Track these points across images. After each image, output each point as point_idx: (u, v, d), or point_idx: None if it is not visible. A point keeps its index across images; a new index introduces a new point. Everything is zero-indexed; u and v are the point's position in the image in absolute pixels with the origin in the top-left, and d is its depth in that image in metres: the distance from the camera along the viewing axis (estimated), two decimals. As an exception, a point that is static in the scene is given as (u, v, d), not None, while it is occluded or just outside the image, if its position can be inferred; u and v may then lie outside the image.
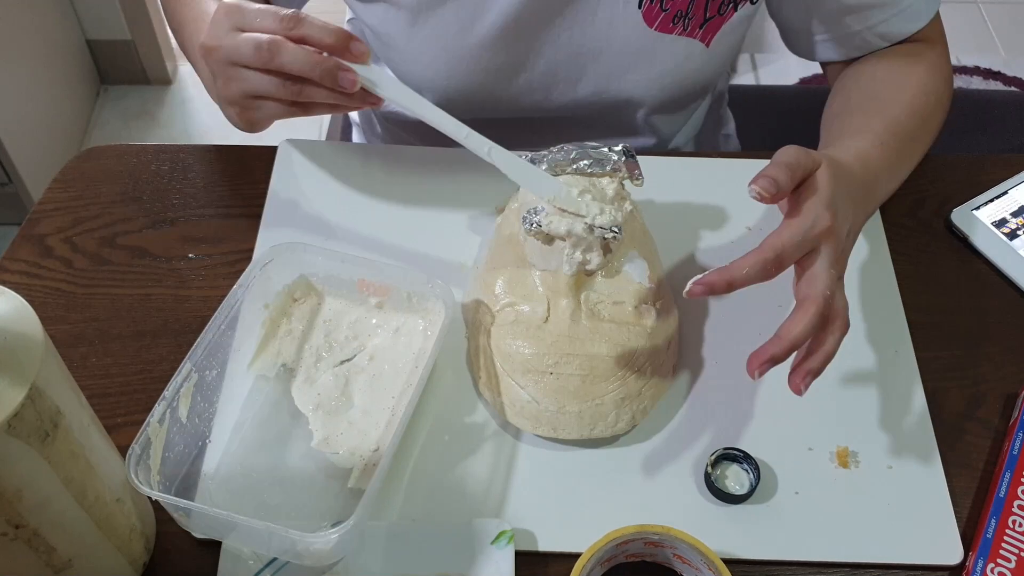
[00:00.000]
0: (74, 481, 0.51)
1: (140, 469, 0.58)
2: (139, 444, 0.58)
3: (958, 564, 0.63)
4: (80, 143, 1.99)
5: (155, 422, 0.60)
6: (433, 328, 0.69)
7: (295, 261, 0.71)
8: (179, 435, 0.63)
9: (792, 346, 0.59)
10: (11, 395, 0.44)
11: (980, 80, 2.19)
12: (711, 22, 0.82)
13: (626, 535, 0.58)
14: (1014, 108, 1.22)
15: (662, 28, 0.81)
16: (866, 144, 0.73)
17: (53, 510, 0.50)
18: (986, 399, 0.72)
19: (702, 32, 0.83)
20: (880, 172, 0.73)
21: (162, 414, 0.61)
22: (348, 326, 0.72)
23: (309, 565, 0.60)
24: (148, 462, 0.59)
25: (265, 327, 0.70)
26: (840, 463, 0.67)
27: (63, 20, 1.90)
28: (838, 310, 0.61)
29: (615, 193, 0.71)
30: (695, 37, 0.83)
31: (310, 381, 0.69)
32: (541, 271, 0.70)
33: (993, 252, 0.80)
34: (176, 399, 0.62)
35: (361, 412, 0.67)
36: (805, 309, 0.59)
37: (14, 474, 0.46)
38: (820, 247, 0.61)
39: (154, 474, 0.60)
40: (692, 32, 0.82)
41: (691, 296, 0.58)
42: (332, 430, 0.66)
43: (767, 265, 0.59)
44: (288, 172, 0.83)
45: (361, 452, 0.65)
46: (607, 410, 0.66)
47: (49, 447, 0.47)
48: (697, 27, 0.82)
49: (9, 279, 0.76)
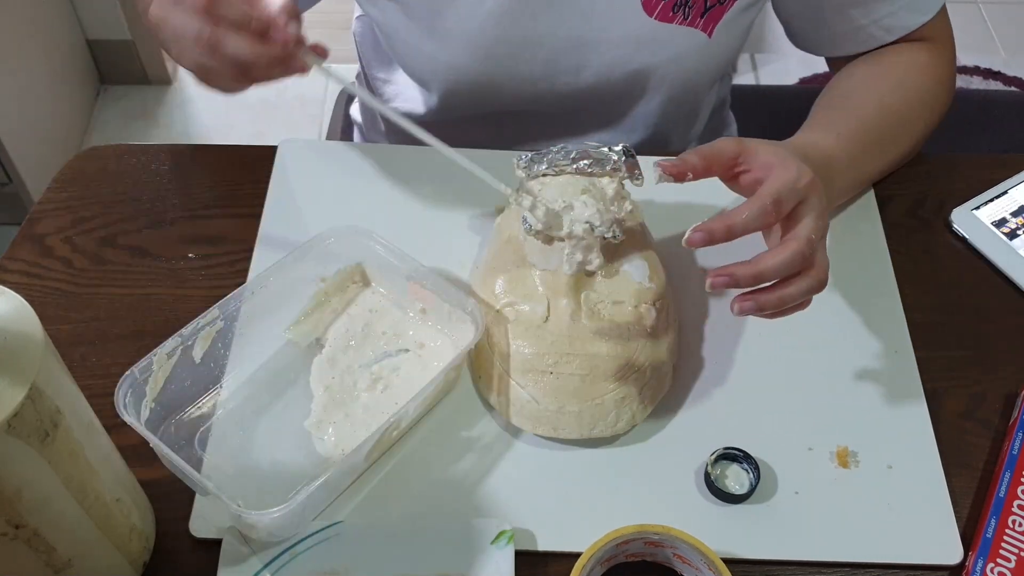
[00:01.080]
0: (74, 481, 0.51)
1: (132, 392, 0.61)
2: (139, 368, 0.62)
3: (958, 564, 0.63)
4: (80, 143, 1.99)
5: (163, 353, 0.63)
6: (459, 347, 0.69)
7: (359, 245, 0.72)
8: (189, 373, 0.66)
9: (757, 274, 0.58)
10: (11, 395, 0.44)
11: (980, 80, 2.19)
12: (712, 11, 0.81)
13: (626, 535, 0.58)
14: (1014, 108, 1.22)
15: (662, 17, 0.81)
16: (818, 135, 0.75)
17: (53, 510, 0.50)
18: (986, 399, 0.72)
19: (703, 21, 0.82)
20: (836, 159, 0.73)
21: (173, 348, 0.64)
22: (389, 324, 0.72)
23: (256, 538, 0.62)
24: (144, 387, 0.62)
25: (316, 299, 0.72)
26: (840, 463, 0.67)
27: (63, 20, 1.90)
28: (817, 261, 0.61)
29: (615, 193, 0.71)
30: (696, 26, 0.82)
31: (332, 362, 0.70)
32: (541, 271, 0.70)
33: (993, 252, 0.80)
34: (194, 339, 0.66)
35: (362, 409, 0.68)
36: (785, 246, 0.59)
37: (14, 474, 0.46)
38: (808, 197, 0.61)
39: (148, 400, 0.63)
40: (693, 21, 0.81)
41: (690, 244, 0.58)
42: (328, 416, 0.67)
43: (766, 210, 0.60)
44: (288, 172, 0.83)
45: (343, 447, 0.65)
46: (607, 410, 0.66)
47: (49, 447, 0.47)
48: (698, 16, 0.81)
49: (9, 279, 0.76)
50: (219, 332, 0.68)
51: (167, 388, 0.65)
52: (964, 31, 2.32)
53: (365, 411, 0.68)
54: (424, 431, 0.68)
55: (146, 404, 0.63)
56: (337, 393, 0.69)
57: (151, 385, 0.63)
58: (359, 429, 0.66)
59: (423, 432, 0.68)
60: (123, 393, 0.61)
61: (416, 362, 0.71)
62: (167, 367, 0.64)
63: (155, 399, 0.64)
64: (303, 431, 0.67)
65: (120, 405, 0.60)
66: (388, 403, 0.68)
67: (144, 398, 0.63)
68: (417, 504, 0.65)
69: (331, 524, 0.62)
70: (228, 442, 0.67)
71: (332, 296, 0.73)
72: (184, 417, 0.67)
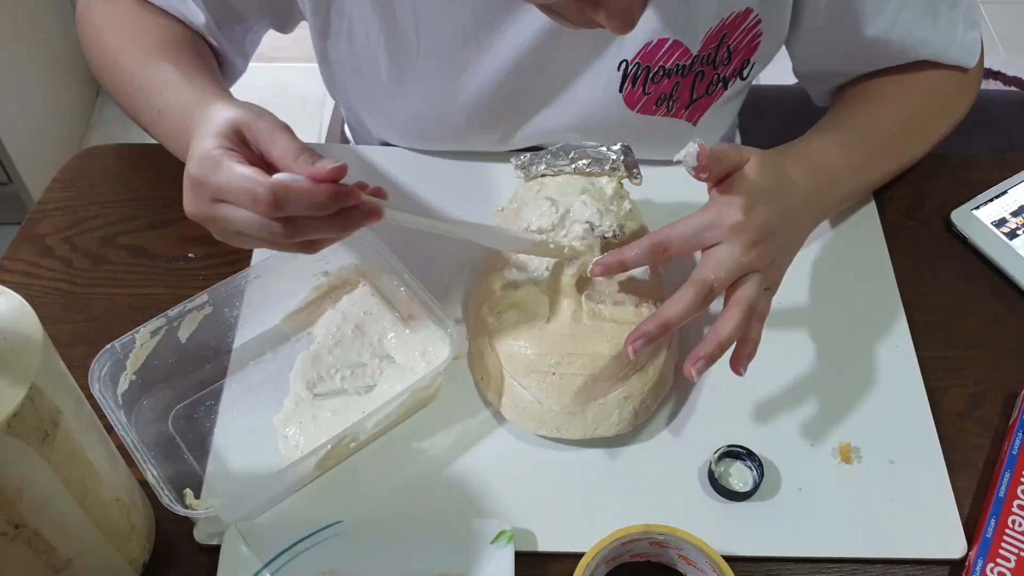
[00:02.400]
0: (74, 481, 0.51)
1: (110, 365, 0.63)
2: (120, 343, 0.64)
3: (961, 558, 0.63)
4: (80, 143, 1.99)
5: (146, 331, 0.65)
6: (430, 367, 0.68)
7: (358, 246, 0.73)
8: (174, 352, 0.67)
9: (722, 345, 0.61)
10: (11, 395, 0.44)
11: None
12: (698, 103, 0.80)
13: (632, 534, 0.58)
14: (1014, 108, 1.22)
15: (644, 111, 0.79)
16: (822, 141, 0.74)
17: (53, 510, 0.50)
18: (986, 399, 0.72)
19: (688, 112, 0.80)
20: (836, 166, 0.73)
21: (157, 328, 0.65)
22: (380, 330, 0.72)
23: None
24: (125, 362, 0.65)
25: (318, 292, 0.72)
26: (843, 459, 0.67)
27: (63, 20, 1.90)
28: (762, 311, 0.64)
29: (614, 192, 0.71)
30: (680, 117, 0.80)
31: (316, 360, 0.70)
32: (540, 272, 0.69)
33: (993, 252, 0.80)
34: (179, 321, 0.67)
35: (331, 413, 0.67)
36: (733, 312, 0.62)
37: (14, 474, 0.46)
38: (724, 240, 0.63)
39: (128, 373, 0.65)
40: (677, 113, 0.80)
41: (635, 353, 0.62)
42: (297, 415, 0.67)
43: (654, 249, 0.64)
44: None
45: (302, 449, 0.65)
46: (610, 409, 0.66)
47: (49, 447, 0.47)
48: (683, 108, 0.79)
49: (9, 279, 0.76)
50: (207, 316, 0.68)
51: (149, 364, 0.66)
52: (964, 31, 2.32)
53: (332, 416, 0.67)
54: (425, 431, 0.68)
55: (125, 376, 0.65)
56: (312, 393, 0.68)
57: (131, 360, 0.65)
58: (321, 433, 0.65)
59: (423, 432, 0.68)
60: (99, 366, 0.63)
61: (396, 374, 0.70)
62: (150, 344, 0.66)
63: (136, 372, 0.66)
64: (271, 426, 0.67)
65: (92, 377, 0.62)
66: (356, 412, 0.67)
67: (124, 371, 0.65)
68: (417, 504, 0.65)
69: (331, 524, 0.62)
70: (198, 425, 0.67)
71: (331, 292, 0.73)
72: (160, 395, 0.68)
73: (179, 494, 0.61)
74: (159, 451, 0.64)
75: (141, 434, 0.63)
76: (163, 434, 0.66)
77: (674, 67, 0.76)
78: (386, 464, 0.67)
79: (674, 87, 0.77)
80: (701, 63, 0.76)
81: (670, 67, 0.76)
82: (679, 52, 0.75)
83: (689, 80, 0.77)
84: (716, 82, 0.78)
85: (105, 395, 0.62)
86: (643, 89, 0.77)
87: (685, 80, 0.77)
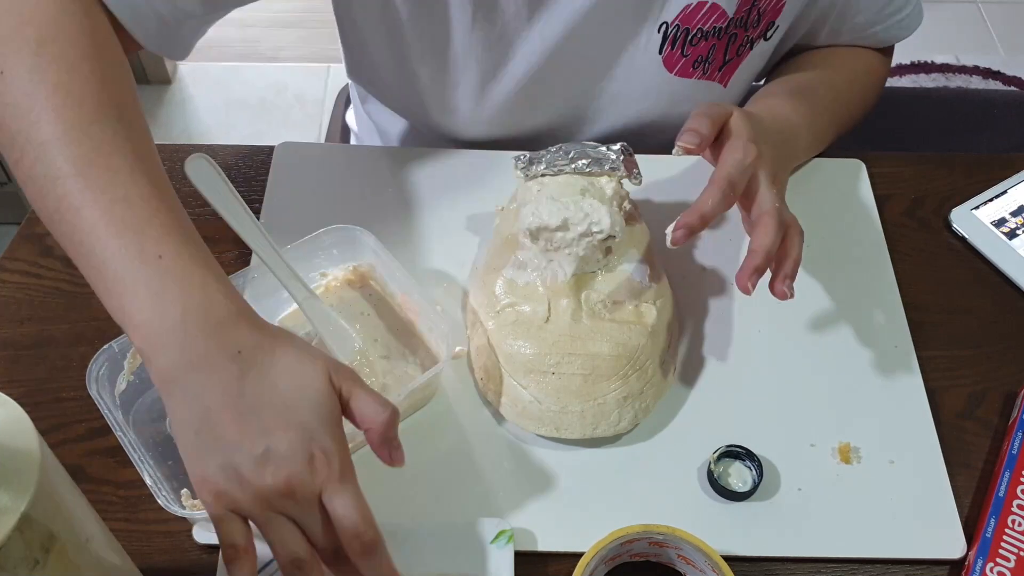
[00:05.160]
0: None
1: (108, 365, 0.64)
2: (118, 343, 0.64)
3: (960, 558, 0.63)
4: (79, 143, 1.99)
5: None
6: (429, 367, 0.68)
7: (358, 246, 0.72)
8: None
9: (767, 254, 0.63)
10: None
11: (980, 80, 2.19)
12: (729, 64, 0.83)
13: (631, 534, 0.58)
14: (1014, 108, 1.22)
15: (682, 73, 0.82)
16: (776, 101, 0.79)
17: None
18: (986, 398, 0.72)
19: (721, 74, 0.83)
20: (793, 120, 0.77)
21: None
22: (379, 329, 0.71)
23: None
24: (123, 362, 0.65)
25: (318, 292, 0.72)
26: (842, 459, 0.67)
27: (62, 20, 1.90)
28: (790, 219, 0.67)
29: (613, 192, 0.71)
30: (714, 79, 0.83)
31: None
32: (541, 271, 0.70)
33: (992, 252, 0.80)
34: None
35: None
36: (765, 223, 0.64)
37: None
38: (757, 172, 0.66)
39: (126, 373, 0.65)
40: (711, 75, 0.83)
41: (676, 244, 0.63)
42: None
43: (726, 193, 0.64)
44: (286, 173, 0.83)
45: None
46: (609, 409, 0.66)
47: (39, 573, 0.43)
48: (716, 70, 0.82)
49: (9, 279, 0.76)
50: None
51: None
52: (963, 31, 2.32)
53: None
54: (424, 431, 0.68)
55: (123, 376, 0.65)
56: None
57: (129, 360, 0.65)
58: None
59: (423, 432, 0.68)
60: (97, 366, 0.63)
61: (395, 374, 0.69)
62: None
63: (134, 372, 0.65)
64: None
65: (90, 377, 0.62)
66: None
67: (122, 371, 0.65)
68: (417, 504, 0.65)
69: (331, 524, 0.62)
70: None
71: (330, 292, 0.73)
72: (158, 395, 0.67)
73: (176, 494, 0.61)
74: (157, 451, 0.63)
75: (139, 434, 0.63)
76: (161, 434, 0.65)
77: (711, 29, 0.79)
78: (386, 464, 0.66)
79: (710, 49, 0.80)
80: (735, 25, 0.79)
81: (708, 29, 0.79)
82: (717, 14, 0.78)
83: (724, 42, 0.80)
84: (745, 44, 0.82)
85: (103, 395, 0.62)
86: (681, 51, 0.80)
87: (720, 42, 0.80)
